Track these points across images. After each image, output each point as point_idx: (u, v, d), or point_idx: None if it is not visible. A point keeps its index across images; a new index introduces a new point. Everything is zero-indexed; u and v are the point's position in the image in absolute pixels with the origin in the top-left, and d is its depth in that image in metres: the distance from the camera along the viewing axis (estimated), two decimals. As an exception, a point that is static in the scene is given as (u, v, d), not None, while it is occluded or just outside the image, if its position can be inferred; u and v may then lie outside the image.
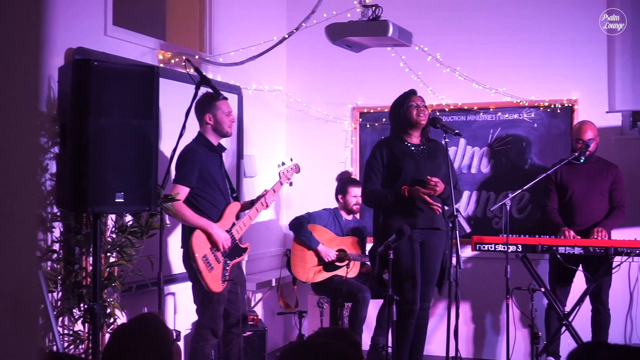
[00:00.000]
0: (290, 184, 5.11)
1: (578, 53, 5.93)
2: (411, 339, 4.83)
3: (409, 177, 4.78)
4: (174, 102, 4.71)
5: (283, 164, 5.06)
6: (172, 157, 4.10)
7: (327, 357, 1.72)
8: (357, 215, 6.11)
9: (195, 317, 4.72)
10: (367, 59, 6.19)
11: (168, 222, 4.87)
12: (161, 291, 4.15)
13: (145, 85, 3.45)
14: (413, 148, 4.87)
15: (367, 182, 4.90)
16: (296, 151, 6.61)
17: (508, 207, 5.08)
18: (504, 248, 5.09)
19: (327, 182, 6.32)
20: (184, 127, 4.00)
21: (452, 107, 6.21)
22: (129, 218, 4.18)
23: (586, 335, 5.39)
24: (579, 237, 5.20)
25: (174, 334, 2.77)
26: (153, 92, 3.46)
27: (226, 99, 4.76)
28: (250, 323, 5.34)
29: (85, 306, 3.93)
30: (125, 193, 3.39)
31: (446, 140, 4.71)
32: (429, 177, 4.71)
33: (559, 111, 5.97)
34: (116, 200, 3.37)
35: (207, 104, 4.65)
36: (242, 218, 4.80)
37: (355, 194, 5.81)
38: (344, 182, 5.95)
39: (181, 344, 5.21)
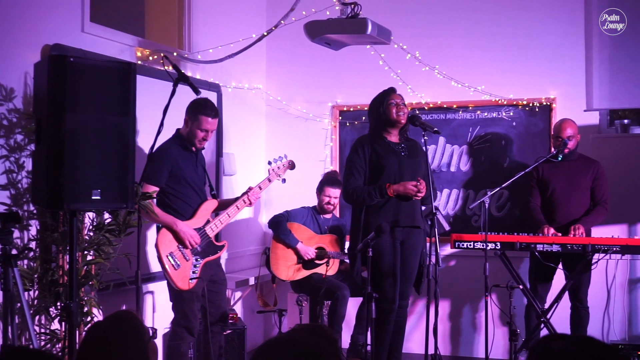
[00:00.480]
0: (283, 180, 5.06)
1: (556, 52, 5.97)
2: (390, 337, 4.83)
3: (391, 176, 4.78)
4: (153, 100, 4.68)
5: (275, 160, 5.03)
6: (149, 155, 4.08)
7: (302, 353, 1.71)
8: (337, 213, 6.11)
9: (173, 316, 4.70)
10: (346, 57, 6.19)
11: (147, 220, 4.85)
12: (139, 289, 4.12)
13: (122, 82, 3.43)
14: (394, 146, 4.87)
15: (349, 179, 4.86)
16: (276, 149, 6.57)
17: (487, 205, 5.09)
18: (483, 246, 5.11)
19: (307, 181, 6.31)
20: (161, 124, 3.98)
21: (431, 105, 6.22)
22: (106, 216, 4.15)
23: (565, 332, 5.43)
24: (560, 235, 5.23)
25: (150, 331, 2.75)
26: (130, 89, 3.44)
27: (212, 116, 4.61)
28: (230, 321, 5.32)
29: (62, 305, 3.90)
30: (102, 190, 3.37)
31: (425, 138, 4.72)
32: (419, 177, 4.73)
33: (537, 110, 6.00)
34: (93, 198, 3.34)
35: (193, 111, 4.61)
36: (220, 215, 4.77)
37: (328, 194, 5.81)
38: (323, 180, 5.95)
39: (159, 342, 5.19)
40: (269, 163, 4.99)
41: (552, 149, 5.41)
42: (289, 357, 1.67)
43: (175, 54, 5.30)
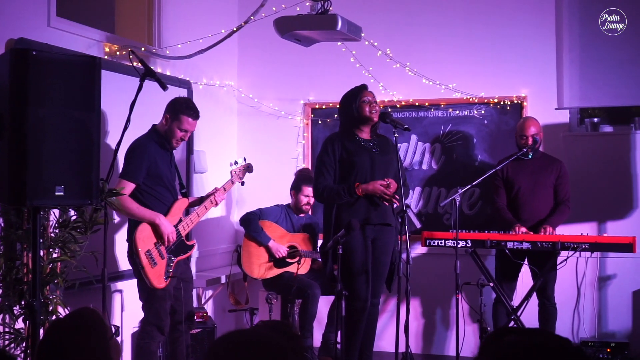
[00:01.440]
0: (242, 183, 5.07)
1: (527, 50, 5.99)
2: (361, 335, 4.81)
3: (363, 173, 4.75)
4: (122, 96, 4.62)
5: (236, 162, 5.02)
6: (116, 150, 4.02)
7: (261, 348, 1.68)
8: (310, 212, 6.09)
9: (142, 315, 4.65)
10: (318, 54, 6.17)
11: (116, 217, 4.79)
12: (105, 288, 4.07)
13: (86, 77, 3.36)
14: (365, 144, 4.85)
15: (319, 178, 4.83)
16: (248, 147, 6.56)
17: (458, 203, 5.11)
18: (454, 243, 5.12)
19: (279, 179, 6.29)
20: (128, 120, 3.93)
21: (403, 103, 6.22)
22: (73, 213, 4.09)
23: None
24: (531, 233, 5.25)
25: (113, 328, 2.71)
26: (95, 84, 3.37)
27: (193, 117, 4.63)
28: (199, 320, 5.28)
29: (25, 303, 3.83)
30: (66, 186, 3.30)
31: (395, 135, 4.70)
32: (387, 179, 4.70)
33: (508, 108, 6.02)
34: (56, 194, 3.28)
35: (174, 109, 4.59)
36: (190, 215, 4.75)
37: (308, 194, 5.77)
38: (300, 179, 5.90)
39: (128, 341, 5.13)
40: (231, 165, 4.97)
41: (523, 149, 5.42)
42: (247, 353, 1.64)
43: (142, 49, 5.24)
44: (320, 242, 5.79)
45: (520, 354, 1.35)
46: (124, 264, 4.83)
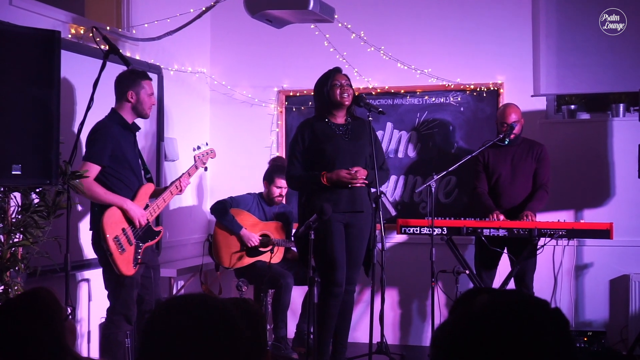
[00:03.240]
0: (205, 169, 4.96)
1: (503, 36, 5.91)
2: (334, 322, 4.70)
3: (330, 161, 4.66)
4: (88, 78, 4.47)
5: (199, 147, 4.91)
6: (79, 130, 3.88)
7: (205, 310, 1.55)
8: (283, 200, 5.97)
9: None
10: (293, 40, 6.07)
11: (80, 205, 4.65)
12: (68, 274, 3.93)
13: (45, 52, 3.24)
14: (336, 129, 4.75)
15: (289, 166, 4.79)
16: (221, 135, 6.43)
17: (434, 189, 5.02)
18: (429, 231, 5.03)
19: (253, 167, 6.17)
20: (91, 99, 3.79)
21: (378, 90, 6.11)
22: (35, 197, 3.94)
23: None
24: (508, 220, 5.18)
25: (68, 310, 2.58)
26: (54, 59, 3.24)
27: (150, 79, 4.61)
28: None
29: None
30: (23, 166, 3.18)
31: (370, 119, 4.61)
32: (353, 168, 4.60)
33: (485, 95, 5.94)
34: (13, 173, 3.15)
35: (132, 81, 4.49)
36: (156, 201, 4.64)
37: (280, 185, 5.65)
38: (273, 169, 5.78)
39: (95, 331, 4.99)
40: (194, 149, 4.87)
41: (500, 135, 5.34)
42: (188, 315, 1.52)
43: (108, 27, 5.09)
44: (294, 231, 5.67)
45: (493, 314, 1.24)
46: (91, 252, 4.68)
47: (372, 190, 4.81)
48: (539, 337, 1.23)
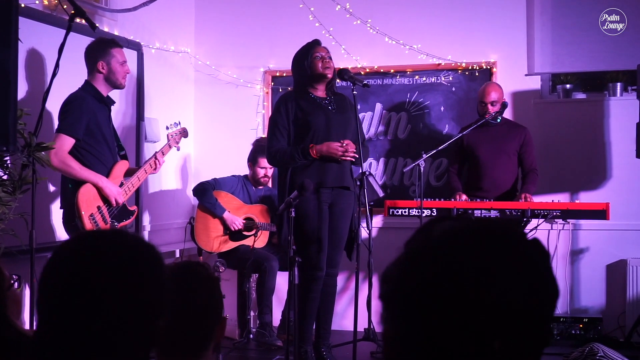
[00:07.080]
0: (178, 149, 4.78)
1: (497, 14, 5.70)
2: (316, 307, 4.49)
3: (319, 133, 4.44)
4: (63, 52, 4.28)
5: (172, 125, 4.73)
6: (44, 99, 3.65)
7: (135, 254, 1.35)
8: (269, 184, 5.77)
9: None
10: (278, 20, 5.89)
11: (47, 177, 4.45)
12: (33, 251, 3.71)
13: (1, 10, 3.02)
14: (320, 101, 4.54)
15: (272, 140, 4.52)
16: (205, 116, 6.24)
17: (422, 169, 4.83)
18: (419, 212, 4.83)
19: (238, 149, 5.96)
20: (57, 65, 3.57)
21: (367, 70, 5.90)
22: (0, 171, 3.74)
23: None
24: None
25: (13, 278, 2.37)
26: (11, 17, 3.03)
27: (121, 46, 4.42)
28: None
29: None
30: (-23, 131, 2.97)
31: (354, 92, 4.41)
32: (343, 140, 4.41)
33: (477, 74, 5.73)
34: (-35, 138, 2.94)
35: (101, 50, 4.32)
36: (130, 179, 4.44)
37: (264, 166, 5.45)
38: (257, 150, 5.58)
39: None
40: (167, 128, 4.70)
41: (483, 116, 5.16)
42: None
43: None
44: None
45: (453, 242, 1.04)
46: (62, 234, 4.48)
47: (358, 170, 4.60)
48: (509, 270, 1.02)
